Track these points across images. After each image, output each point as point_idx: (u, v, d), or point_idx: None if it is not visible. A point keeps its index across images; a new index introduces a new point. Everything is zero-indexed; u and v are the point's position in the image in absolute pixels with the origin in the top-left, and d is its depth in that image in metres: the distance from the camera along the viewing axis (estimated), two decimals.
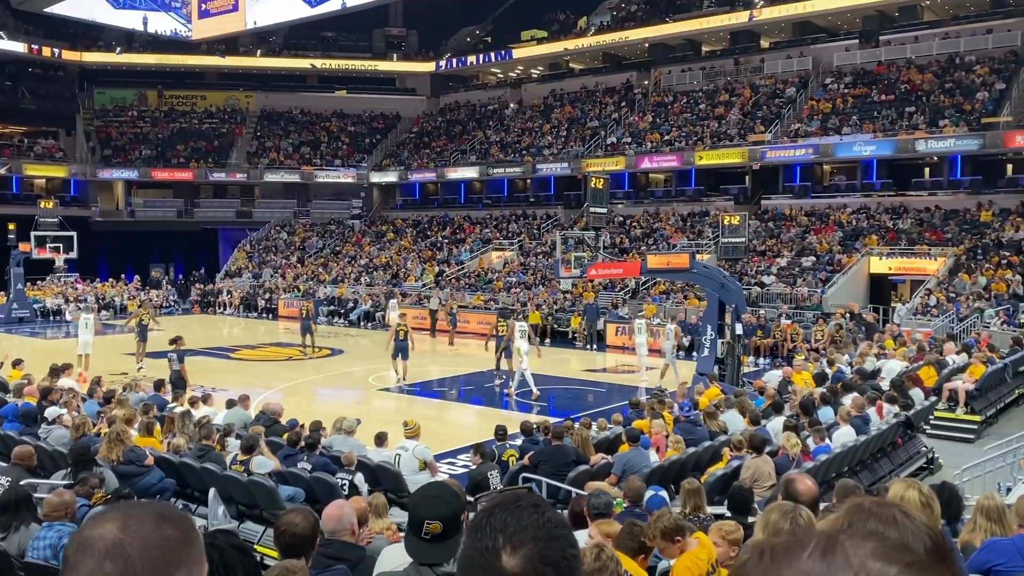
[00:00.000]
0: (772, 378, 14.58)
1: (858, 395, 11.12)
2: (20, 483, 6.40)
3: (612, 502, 5.89)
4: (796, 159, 32.28)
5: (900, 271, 26.71)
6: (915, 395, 12.23)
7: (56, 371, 13.38)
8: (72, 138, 45.19)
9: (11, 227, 31.24)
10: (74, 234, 31.34)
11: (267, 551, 6.84)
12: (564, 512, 5.91)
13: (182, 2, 45.05)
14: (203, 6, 43.97)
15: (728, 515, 6.15)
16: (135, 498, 6.92)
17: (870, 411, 10.67)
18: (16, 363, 14.45)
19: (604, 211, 18.79)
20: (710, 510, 6.57)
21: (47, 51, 44.69)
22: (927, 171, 31.69)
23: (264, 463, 8.57)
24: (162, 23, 45.70)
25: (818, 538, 0.83)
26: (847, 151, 30.74)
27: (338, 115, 48.80)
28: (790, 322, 22.89)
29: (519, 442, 10.29)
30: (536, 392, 16.91)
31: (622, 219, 34.60)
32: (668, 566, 4.81)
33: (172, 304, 36.24)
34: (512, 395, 17.28)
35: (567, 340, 26.24)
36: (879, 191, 30.95)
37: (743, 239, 22.24)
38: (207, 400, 12.49)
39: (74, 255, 31.51)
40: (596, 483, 7.84)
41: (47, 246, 30.54)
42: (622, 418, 11.89)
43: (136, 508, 1.18)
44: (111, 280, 37.22)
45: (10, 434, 9.67)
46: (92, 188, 44.04)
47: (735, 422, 10.76)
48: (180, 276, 42.56)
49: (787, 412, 10.74)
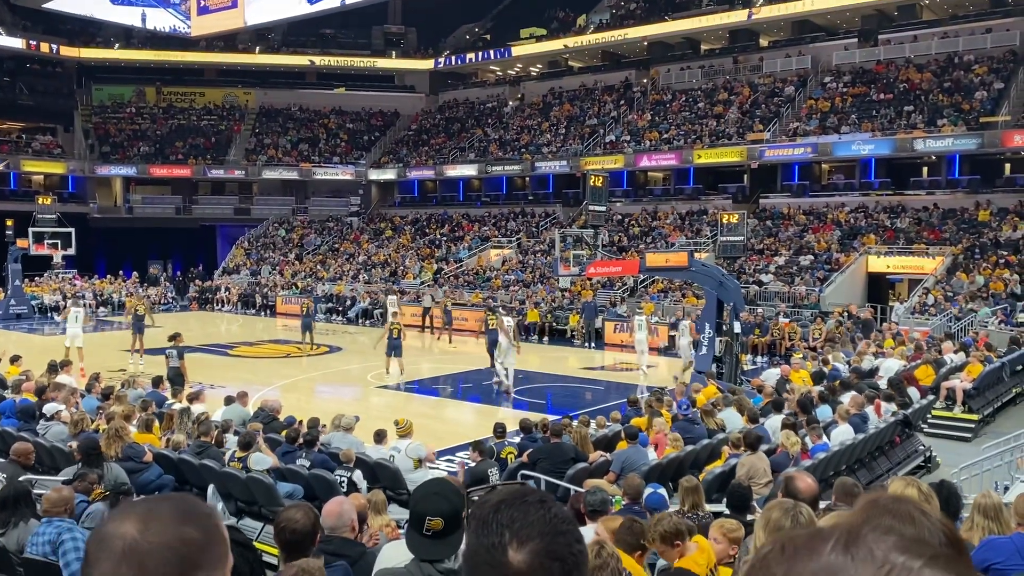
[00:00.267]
0: (770, 376, 14.63)
1: (857, 394, 11.14)
2: (20, 479, 6.39)
3: (608, 499, 5.89)
4: (794, 158, 32.29)
5: (898, 270, 26.76)
6: (912, 394, 12.26)
7: (54, 367, 13.37)
8: (70, 134, 45.10)
9: (9, 223, 31.17)
10: (72, 230, 31.25)
11: (266, 548, 6.83)
12: None
13: None
14: (202, 3, 43.96)
15: (727, 513, 6.16)
16: (134, 495, 6.92)
17: (868, 410, 10.69)
18: (14, 359, 14.42)
19: (603, 209, 18.80)
20: (708, 508, 6.58)
21: (45, 47, 44.53)
22: (925, 170, 31.72)
23: (262, 459, 8.54)
24: (161, 19, 45.68)
25: (840, 531, 0.82)
26: (845, 150, 30.76)
27: (337, 112, 48.69)
28: (788, 321, 22.95)
29: (518, 439, 10.30)
30: (507, 384, 17.30)
31: (621, 217, 34.61)
32: (667, 563, 4.80)
33: (170, 301, 36.23)
34: (511, 392, 17.30)
35: (565, 338, 26.26)
36: (877, 190, 30.97)
37: (741, 238, 22.25)
38: (199, 397, 12.37)
39: (72, 251, 31.42)
40: (595, 480, 7.86)
41: (45, 242, 30.44)
42: (620, 416, 11.90)
43: (161, 505, 1.17)
44: (109, 277, 37.23)
45: (8, 430, 9.67)
46: (90, 184, 44.00)
47: (733, 420, 10.80)
48: (178, 273, 42.57)
49: (785, 410, 10.76)
